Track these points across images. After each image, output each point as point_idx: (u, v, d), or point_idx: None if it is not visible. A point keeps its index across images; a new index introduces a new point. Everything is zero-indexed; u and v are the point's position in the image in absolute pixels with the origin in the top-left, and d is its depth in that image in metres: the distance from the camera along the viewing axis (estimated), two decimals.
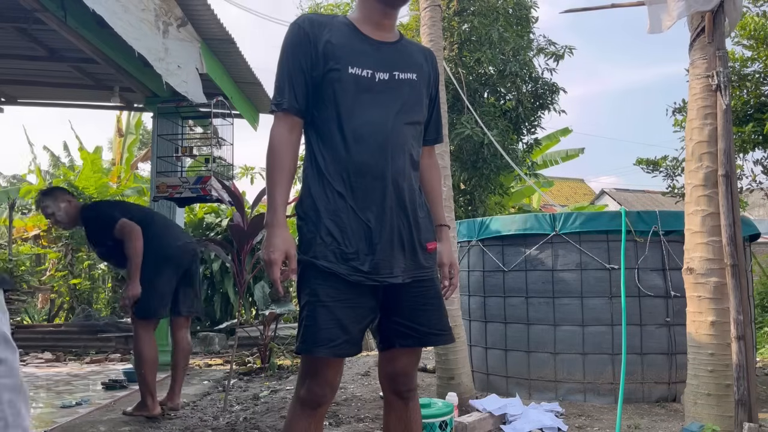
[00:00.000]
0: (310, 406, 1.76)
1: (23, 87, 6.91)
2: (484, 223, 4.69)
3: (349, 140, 1.74)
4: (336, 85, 1.76)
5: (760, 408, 3.38)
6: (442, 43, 4.73)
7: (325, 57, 1.76)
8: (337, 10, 10.60)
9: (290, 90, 1.78)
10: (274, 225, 1.72)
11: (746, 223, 4.45)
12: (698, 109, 3.25)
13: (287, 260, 1.70)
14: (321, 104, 1.79)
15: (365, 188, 1.74)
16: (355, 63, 1.77)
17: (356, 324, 1.74)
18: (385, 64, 1.81)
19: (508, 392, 4.35)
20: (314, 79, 1.78)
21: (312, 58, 1.77)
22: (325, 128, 1.78)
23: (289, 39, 1.80)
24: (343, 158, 1.75)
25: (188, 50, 4.63)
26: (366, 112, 1.77)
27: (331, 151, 1.76)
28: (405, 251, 1.78)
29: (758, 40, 5.76)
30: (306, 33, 1.78)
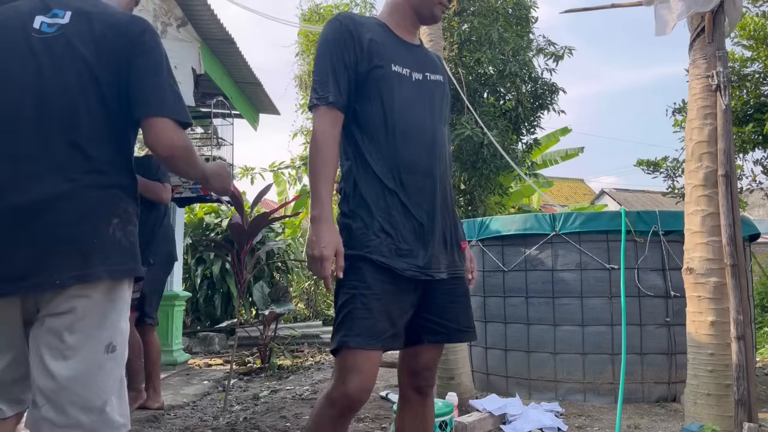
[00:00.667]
0: (343, 408, 1.70)
1: None
2: (484, 223, 4.70)
3: (398, 137, 1.77)
4: (381, 82, 1.79)
5: (760, 408, 3.38)
6: (442, 43, 4.73)
7: (370, 54, 1.79)
8: (336, 10, 10.61)
9: (335, 84, 1.76)
10: (322, 220, 1.69)
11: (746, 223, 4.46)
12: (698, 109, 3.25)
13: (335, 256, 1.67)
14: (365, 100, 1.80)
15: (416, 186, 1.78)
16: (397, 61, 1.82)
17: (401, 318, 1.76)
18: (418, 65, 1.88)
19: (508, 392, 4.35)
20: (358, 75, 1.79)
21: (356, 54, 1.78)
22: (371, 125, 1.79)
23: (331, 34, 1.80)
24: (392, 155, 1.77)
25: (187, 50, 4.63)
26: (411, 110, 1.82)
27: (378, 148, 1.78)
28: (447, 248, 1.84)
29: (758, 40, 5.76)
30: (349, 29, 1.80)
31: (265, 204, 11.18)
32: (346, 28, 1.80)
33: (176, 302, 6.14)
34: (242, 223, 4.16)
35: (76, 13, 1.51)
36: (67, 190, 1.42)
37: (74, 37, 1.48)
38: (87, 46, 1.47)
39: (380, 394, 4.40)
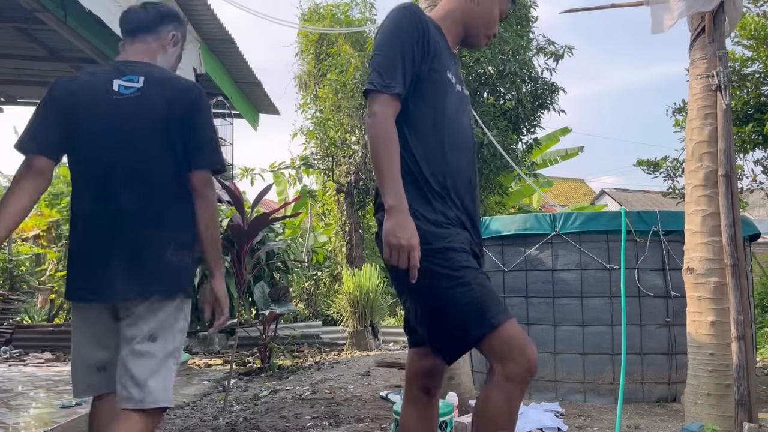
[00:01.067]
0: (528, 378, 1.63)
1: (23, 87, 6.91)
2: (484, 223, 4.69)
3: (446, 144, 1.75)
4: (438, 86, 1.77)
5: (760, 408, 3.37)
6: None
7: (433, 56, 1.75)
8: (336, 10, 10.61)
9: (402, 75, 1.69)
10: (402, 209, 1.61)
11: (746, 223, 4.45)
12: (698, 109, 3.25)
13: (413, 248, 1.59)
14: (420, 101, 1.75)
15: (459, 193, 1.77)
16: (450, 69, 1.81)
17: None
18: (459, 77, 1.88)
19: None
20: (418, 73, 1.74)
21: (423, 52, 1.73)
22: (422, 126, 1.75)
23: (406, 23, 1.73)
24: (440, 161, 1.74)
25: (187, 50, 4.63)
26: (457, 120, 1.81)
27: (426, 151, 1.74)
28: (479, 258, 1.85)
29: (758, 40, 5.75)
30: (422, 24, 1.74)
31: (265, 204, 11.18)
32: (420, 22, 1.74)
33: None
34: (242, 223, 4.16)
35: (147, 78, 1.90)
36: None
37: (151, 98, 1.87)
38: (162, 104, 1.87)
39: (380, 394, 4.40)
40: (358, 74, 8.78)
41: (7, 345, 7.27)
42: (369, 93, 1.70)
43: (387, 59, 1.70)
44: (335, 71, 9.54)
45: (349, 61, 9.39)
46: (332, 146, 10.61)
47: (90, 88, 1.90)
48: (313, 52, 10.78)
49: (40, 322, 9.50)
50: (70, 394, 4.46)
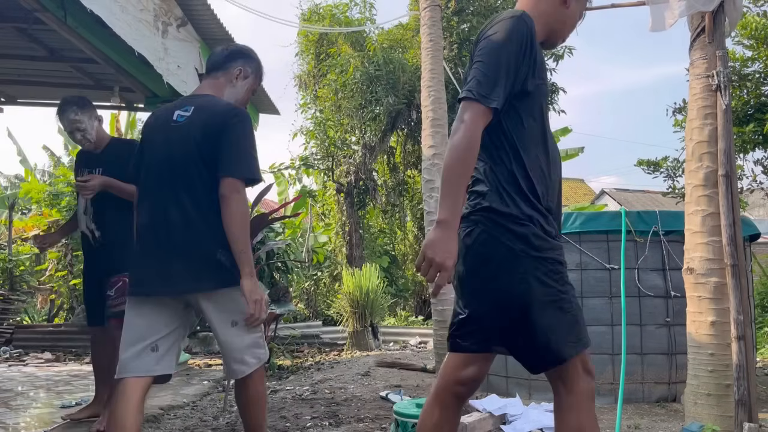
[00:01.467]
0: (592, 388, 1.74)
1: (23, 87, 6.91)
2: None
3: (549, 159, 1.75)
4: (543, 99, 1.76)
5: (760, 408, 3.37)
6: (442, 42, 4.73)
7: (540, 68, 1.74)
8: (336, 10, 10.61)
9: (503, 89, 1.63)
10: (452, 227, 1.57)
11: (746, 223, 4.45)
12: (698, 109, 3.25)
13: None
14: (529, 114, 1.73)
15: (555, 210, 1.77)
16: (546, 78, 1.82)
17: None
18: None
19: (508, 392, 4.35)
20: (525, 88, 1.70)
21: (529, 66, 1.69)
22: (530, 141, 1.72)
23: (516, 35, 1.66)
24: (541, 175, 1.72)
25: (188, 50, 4.63)
26: (551, 133, 1.81)
27: (530, 164, 1.70)
28: None
29: (759, 39, 5.75)
30: (533, 37, 1.70)
31: (264, 204, 11.18)
32: (531, 35, 1.69)
33: None
34: None
35: (196, 107, 2.28)
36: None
37: (194, 123, 2.24)
38: (198, 129, 2.22)
39: (380, 394, 4.40)
40: (358, 74, 8.78)
41: (7, 345, 7.27)
42: (463, 101, 1.64)
43: (491, 70, 1.64)
44: (335, 71, 9.54)
45: (348, 61, 9.39)
46: (332, 146, 10.62)
47: (161, 117, 2.37)
48: (313, 52, 10.78)
49: (40, 322, 9.50)
50: (70, 394, 4.46)
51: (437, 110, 4.21)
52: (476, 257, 1.68)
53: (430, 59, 4.28)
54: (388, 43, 9.82)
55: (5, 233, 9.98)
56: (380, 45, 9.47)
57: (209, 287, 2.20)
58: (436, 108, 4.21)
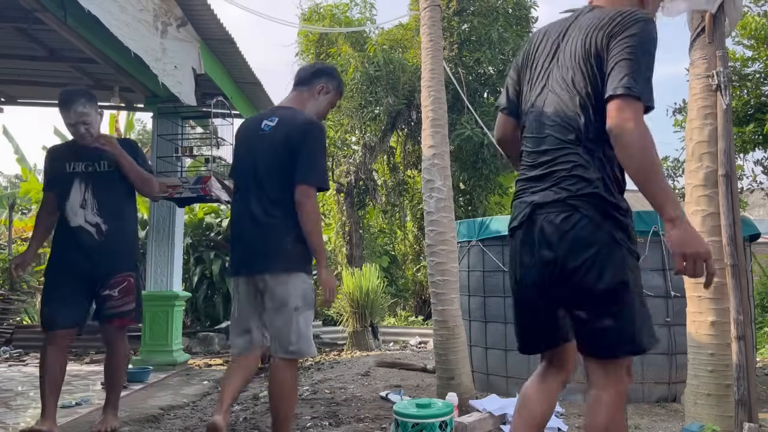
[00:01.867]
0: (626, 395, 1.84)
1: (23, 87, 6.91)
2: (484, 223, 4.69)
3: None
4: None
5: (760, 408, 3.37)
6: (442, 43, 4.73)
7: None
8: (336, 10, 10.61)
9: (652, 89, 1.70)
10: (685, 220, 1.62)
11: (746, 223, 4.45)
12: (698, 109, 3.24)
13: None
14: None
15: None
16: None
17: None
18: None
19: (508, 392, 4.35)
20: None
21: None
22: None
23: (655, 38, 1.73)
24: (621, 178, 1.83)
25: (187, 50, 4.63)
26: None
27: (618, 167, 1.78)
28: None
29: (759, 39, 5.76)
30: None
31: None
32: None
33: (176, 302, 6.13)
34: None
35: (280, 118, 2.69)
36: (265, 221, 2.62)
37: (277, 133, 2.64)
38: (280, 138, 2.62)
39: (380, 395, 4.40)
40: (358, 74, 8.78)
41: (7, 345, 7.27)
42: (627, 98, 1.64)
43: (648, 72, 1.68)
44: None
45: (348, 61, 9.38)
46: (332, 146, 10.61)
47: (251, 126, 2.78)
48: (313, 52, 10.78)
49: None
50: (69, 394, 4.46)
51: (437, 110, 4.20)
52: (575, 242, 1.71)
53: (430, 59, 4.28)
54: (388, 44, 9.82)
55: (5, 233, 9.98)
56: (380, 45, 9.47)
57: (277, 270, 2.57)
58: (436, 108, 4.20)
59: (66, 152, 3.27)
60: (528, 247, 1.82)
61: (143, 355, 5.97)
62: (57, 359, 3.13)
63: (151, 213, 6.28)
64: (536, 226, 1.78)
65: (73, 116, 3.12)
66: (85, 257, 3.11)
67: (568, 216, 1.73)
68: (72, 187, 3.16)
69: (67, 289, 3.13)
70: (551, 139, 1.83)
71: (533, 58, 2.01)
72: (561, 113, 1.83)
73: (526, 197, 1.85)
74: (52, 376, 3.11)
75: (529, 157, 1.90)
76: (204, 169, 5.91)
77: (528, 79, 2.00)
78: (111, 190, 3.19)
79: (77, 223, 3.12)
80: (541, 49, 1.99)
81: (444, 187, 4.14)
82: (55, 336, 3.12)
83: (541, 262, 1.77)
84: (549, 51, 1.94)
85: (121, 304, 3.15)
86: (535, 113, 1.92)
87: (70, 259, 3.14)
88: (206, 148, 5.81)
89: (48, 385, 3.11)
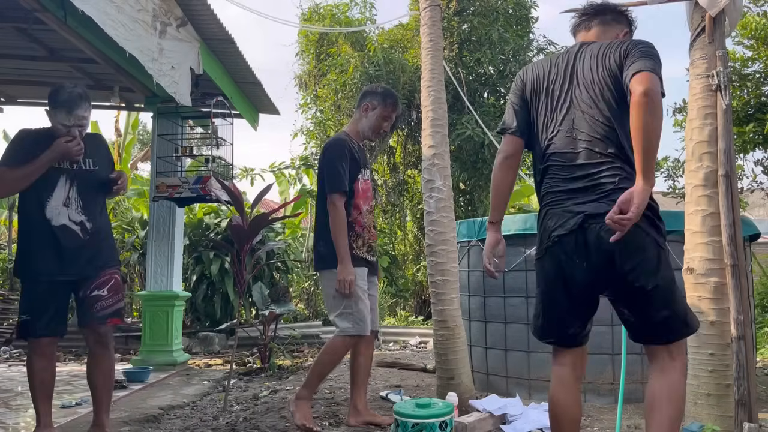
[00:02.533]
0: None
1: (23, 87, 6.91)
2: (484, 223, 4.69)
3: None
4: None
5: (760, 408, 3.37)
6: (442, 43, 4.72)
7: None
8: (336, 10, 10.61)
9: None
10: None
11: (746, 223, 4.45)
12: (698, 109, 3.24)
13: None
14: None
15: None
16: None
17: None
18: None
19: (508, 392, 4.35)
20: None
21: None
22: None
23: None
24: None
25: (185, 50, 4.63)
26: None
27: None
28: None
29: (759, 39, 5.75)
30: None
31: (264, 205, 11.18)
32: None
33: (176, 302, 6.14)
34: (242, 223, 4.15)
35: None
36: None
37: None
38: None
39: (380, 394, 4.40)
40: (358, 74, 8.78)
41: (7, 345, 7.27)
42: (651, 73, 1.93)
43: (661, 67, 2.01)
44: (335, 71, 9.53)
45: (348, 61, 9.38)
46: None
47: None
48: (313, 52, 10.77)
49: None
50: (70, 394, 4.46)
51: (437, 110, 4.20)
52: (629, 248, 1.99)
53: (430, 59, 4.27)
54: (388, 43, 9.81)
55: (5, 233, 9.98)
56: (380, 45, 9.47)
57: (317, 268, 3.49)
58: (436, 108, 4.20)
59: (47, 144, 2.99)
60: (581, 252, 2.06)
61: (143, 355, 5.97)
62: (45, 367, 3.07)
63: (151, 213, 6.28)
64: (591, 234, 2.03)
65: (73, 119, 3.02)
66: (69, 258, 3.00)
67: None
68: (57, 184, 3.03)
69: (50, 294, 3.02)
70: (588, 153, 2.08)
71: (544, 85, 2.24)
72: (596, 129, 2.08)
73: (571, 207, 2.08)
74: (42, 384, 3.06)
75: (562, 171, 2.14)
76: (204, 169, 5.91)
77: (546, 104, 2.22)
78: (93, 189, 3.13)
79: (60, 222, 2.99)
80: (552, 77, 2.22)
81: (444, 187, 4.14)
82: (40, 344, 3.04)
83: (598, 266, 2.06)
84: (563, 77, 2.19)
85: (112, 303, 3.09)
86: (564, 131, 2.15)
87: (51, 262, 2.99)
88: (206, 148, 5.82)
89: (39, 393, 3.05)
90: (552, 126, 2.19)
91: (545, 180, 2.22)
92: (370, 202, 3.55)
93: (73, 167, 3.08)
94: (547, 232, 2.16)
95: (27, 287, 3.11)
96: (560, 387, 2.21)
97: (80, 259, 3.03)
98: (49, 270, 3.00)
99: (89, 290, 3.05)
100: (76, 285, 3.07)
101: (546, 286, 2.23)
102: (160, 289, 6.10)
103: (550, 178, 2.18)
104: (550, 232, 2.14)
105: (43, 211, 2.99)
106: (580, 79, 2.14)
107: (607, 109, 2.06)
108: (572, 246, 2.08)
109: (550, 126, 2.20)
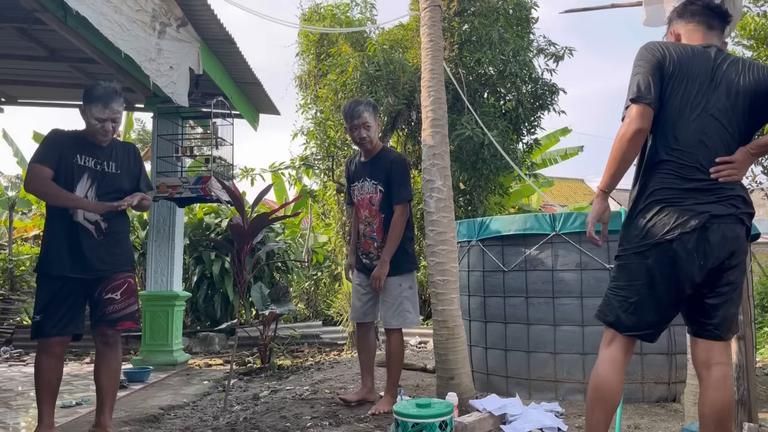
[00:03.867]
0: None
1: (23, 87, 6.91)
2: (484, 223, 4.69)
3: None
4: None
5: (760, 408, 3.37)
6: (442, 43, 4.73)
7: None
8: (337, 10, 10.61)
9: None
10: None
11: None
12: None
13: None
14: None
15: None
16: None
17: None
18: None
19: (508, 392, 4.35)
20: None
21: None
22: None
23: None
24: None
25: (185, 51, 4.63)
26: None
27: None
28: None
29: (758, 40, 5.76)
30: None
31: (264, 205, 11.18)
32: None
33: (176, 302, 6.14)
34: (242, 223, 4.16)
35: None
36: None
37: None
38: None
39: (380, 394, 4.40)
40: (358, 74, 8.78)
41: (7, 345, 7.27)
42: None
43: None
44: (335, 71, 9.53)
45: (348, 61, 9.38)
46: (332, 146, 10.60)
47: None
48: (313, 52, 10.77)
49: None
50: (70, 394, 4.46)
51: (437, 110, 4.20)
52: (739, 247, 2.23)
53: (430, 59, 4.28)
54: (388, 44, 9.81)
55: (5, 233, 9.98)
56: (380, 45, 9.48)
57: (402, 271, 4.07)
58: (436, 108, 4.20)
59: (76, 143, 3.13)
60: (702, 250, 2.14)
61: (143, 355, 5.97)
62: (53, 368, 3.08)
63: (151, 213, 6.28)
64: (715, 233, 2.14)
65: (108, 112, 3.06)
66: (82, 255, 3.03)
67: (740, 227, 2.21)
68: (80, 181, 3.08)
69: (61, 292, 3.04)
70: (712, 158, 2.17)
71: (686, 75, 2.21)
72: (722, 139, 2.17)
73: (692, 206, 2.14)
74: (48, 384, 3.06)
75: (683, 170, 2.17)
76: (204, 169, 5.91)
77: (681, 96, 2.20)
78: (113, 192, 3.16)
79: (77, 219, 3.06)
80: (695, 70, 2.20)
81: (444, 187, 4.14)
82: (50, 343, 3.04)
83: (713, 263, 2.16)
84: (705, 77, 2.20)
85: (124, 306, 3.13)
86: (694, 131, 2.18)
87: (64, 257, 3.04)
88: (206, 148, 5.82)
89: (44, 393, 3.07)
90: (683, 122, 2.19)
91: (658, 174, 2.22)
92: (364, 212, 4.02)
93: (96, 167, 3.13)
94: (659, 227, 2.16)
95: (40, 284, 3.15)
96: (612, 368, 2.32)
97: (93, 258, 3.06)
98: (61, 264, 3.03)
99: (103, 293, 3.08)
100: (90, 286, 3.09)
101: (650, 280, 2.22)
102: (161, 289, 6.10)
103: (667, 175, 2.20)
104: (667, 228, 2.15)
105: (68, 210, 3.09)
106: (720, 86, 2.19)
107: (737, 121, 2.19)
108: (693, 244, 2.13)
109: (680, 120, 2.20)
